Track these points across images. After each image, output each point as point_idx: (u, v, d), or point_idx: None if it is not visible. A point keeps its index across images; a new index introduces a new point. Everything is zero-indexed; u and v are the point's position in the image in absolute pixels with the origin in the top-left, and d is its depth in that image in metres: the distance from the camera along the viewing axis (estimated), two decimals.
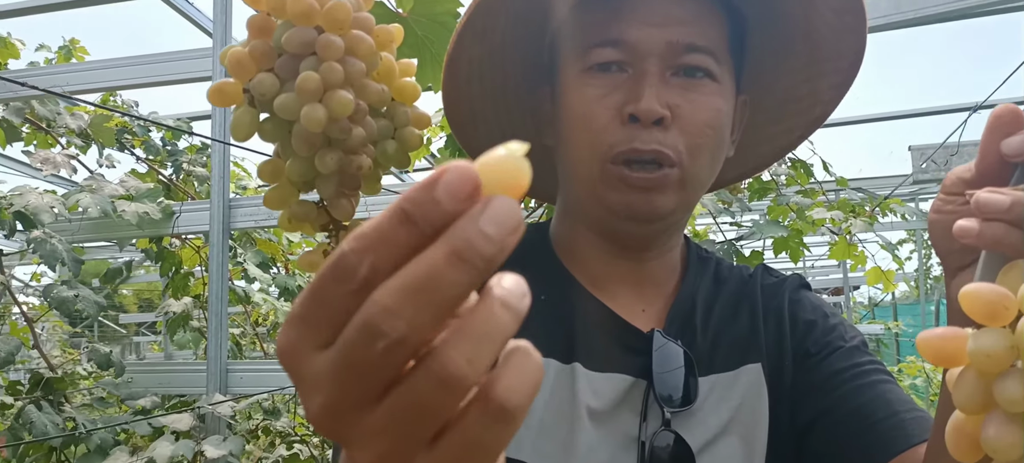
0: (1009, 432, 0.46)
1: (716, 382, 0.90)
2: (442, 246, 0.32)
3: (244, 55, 0.70)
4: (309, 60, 0.68)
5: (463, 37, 0.87)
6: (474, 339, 0.33)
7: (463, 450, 0.34)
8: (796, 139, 1.04)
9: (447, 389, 0.33)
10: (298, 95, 0.67)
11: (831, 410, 0.86)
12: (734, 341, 0.93)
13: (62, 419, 2.21)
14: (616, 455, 0.84)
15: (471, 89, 0.95)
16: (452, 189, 0.32)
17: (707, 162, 0.88)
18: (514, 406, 0.34)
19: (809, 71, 0.96)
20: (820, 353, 0.91)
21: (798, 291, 0.99)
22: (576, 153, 0.88)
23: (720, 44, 0.88)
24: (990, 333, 0.47)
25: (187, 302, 3.00)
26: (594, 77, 0.86)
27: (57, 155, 2.63)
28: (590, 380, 0.87)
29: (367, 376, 0.34)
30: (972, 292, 0.48)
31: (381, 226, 0.33)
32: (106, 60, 2.59)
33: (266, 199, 0.74)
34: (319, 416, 0.35)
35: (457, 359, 0.32)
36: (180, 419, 2.20)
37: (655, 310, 0.95)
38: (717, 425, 0.87)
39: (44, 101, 2.84)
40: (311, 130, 0.67)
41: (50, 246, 2.17)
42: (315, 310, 0.35)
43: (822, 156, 3.56)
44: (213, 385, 2.29)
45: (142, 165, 3.38)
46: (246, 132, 0.71)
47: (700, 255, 1.02)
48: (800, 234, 3.31)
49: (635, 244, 0.93)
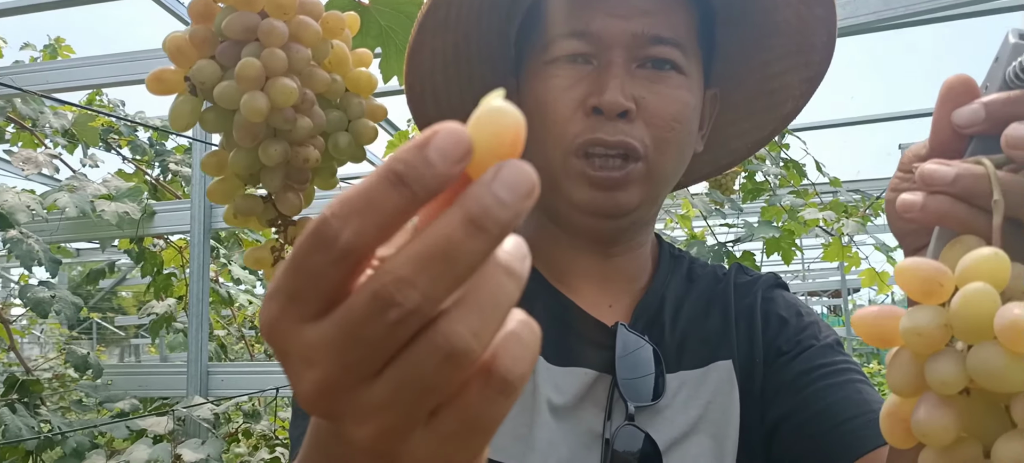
0: (940, 415, 0.44)
1: (685, 379, 0.87)
2: (457, 213, 0.31)
3: (184, 41, 0.66)
4: (251, 46, 0.65)
5: (424, 28, 0.84)
6: (480, 310, 0.32)
7: (463, 425, 0.34)
8: (768, 135, 1.02)
9: (453, 363, 0.32)
10: (238, 83, 0.63)
11: (800, 409, 0.84)
12: (704, 338, 0.91)
13: (37, 422, 2.17)
14: (578, 452, 0.82)
15: (435, 80, 0.93)
16: (445, 150, 0.31)
17: (674, 156, 0.86)
18: (516, 378, 0.33)
19: (780, 65, 0.95)
20: (792, 351, 0.89)
21: (772, 289, 0.97)
22: (539, 146, 0.86)
23: (688, 36, 0.86)
24: (923, 310, 0.45)
25: (171, 303, 2.96)
26: (559, 69, 0.85)
27: (39, 155, 2.60)
28: (551, 374, 0.85)
29: (373, 349, 0.32)
30: (906, 267, 0.45)
31: (369, 190, 0.31)
32: (91, 57, 2.56)
33: (210, 192, 0.71)
34: (313, 393, 0.33)
35: (463, 333, 0.32)
36: (158, 422, 2.16)
37: (622, 306, 0.93)
38: (685, 423, 0.85)
39: (28, 100, 2.81)
40: (252, 120, 0.63)
41: (27, 246, 2.13)
42: (300, 281, 0.33)
43: (816, 157, 3.54)
44: (193, 387, 2.26)
45: (129, 165, 3.35)
46: (186, 122, 0.68)
47: (672, 253, 1.00)
48: (792, 235, 3.29)
49: (600, 239, 0.91)
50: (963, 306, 0.42)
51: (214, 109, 0.68)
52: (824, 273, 11.50)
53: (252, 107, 0.62)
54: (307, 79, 0.67)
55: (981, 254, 0.44)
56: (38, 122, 2.84)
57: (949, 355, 0.44)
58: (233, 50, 0.65)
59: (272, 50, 0.64)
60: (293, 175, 0.70)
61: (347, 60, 0.71)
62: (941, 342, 0.44)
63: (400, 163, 0.31)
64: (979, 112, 0.52)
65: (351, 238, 0.31)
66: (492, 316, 0.32)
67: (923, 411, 0.44)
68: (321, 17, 0.67)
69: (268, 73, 0.64)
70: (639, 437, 0.82)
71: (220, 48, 0.66)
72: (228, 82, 0.64)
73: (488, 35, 0.93)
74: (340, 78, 0.72)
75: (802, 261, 9.99)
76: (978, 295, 0.42)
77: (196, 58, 0.67)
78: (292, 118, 0.65)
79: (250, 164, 0.68)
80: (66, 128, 2.86)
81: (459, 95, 0.96)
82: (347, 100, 0.74)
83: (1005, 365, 0.41)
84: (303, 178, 0.71)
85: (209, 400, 2.21)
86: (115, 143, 3.26)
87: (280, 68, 0.64)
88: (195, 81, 0.66)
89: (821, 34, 0.90)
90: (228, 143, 0.69)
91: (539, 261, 0.94)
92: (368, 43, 0.93)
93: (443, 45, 0.89)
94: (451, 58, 0.92)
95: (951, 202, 0.50)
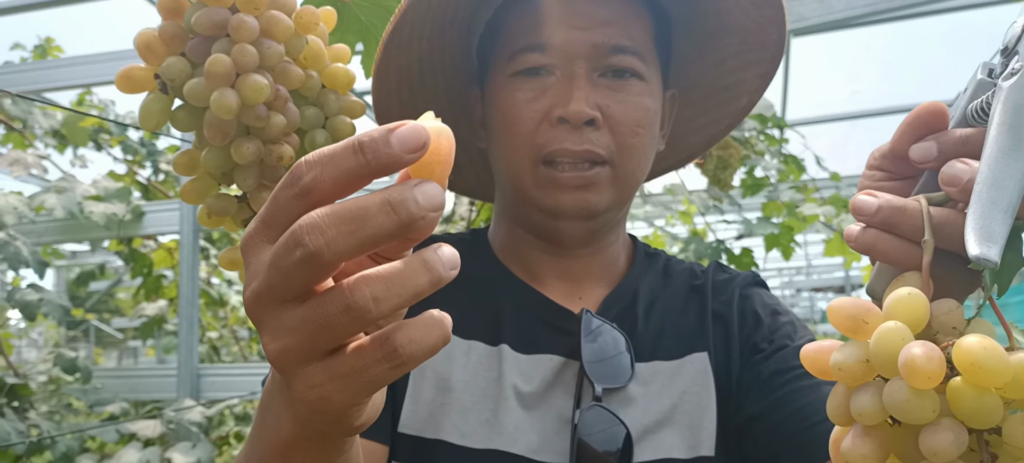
0: (862, 444, 0.47)
1: (659, 369, 0.90)
2: (378, 194, 0.38)
3: (153, 38, 0.64)
4: (221, 42, 0.63)
5: (388, 49, 0.87)
6: (384, 283, 0.39)
7: (349, 371, 0.40)
8: (725, 128, 1.07)
9: (349, 315, 0.38)
10: (207, 79, 0.61)
11: (775, 408, 0.85)
12: (680, 332, 0.93)
13: (26, 426, 2.15)
14: (549, 438, 0.84)
15: (402, 94, 0.95)
16: (404, 138, 0.38)
17: (639, 159, 0.89)
18: (406, 355, 0.40)
19: (734, 62, 0.98)
20: (767, 350, 0.91)
21: (749, 287, 0.99)
22: (507, 156, 0.90)
23: (646, 43, 0.89)
24: (849, 347, 0.48)
25: (162, 305, 2.94)
26: (522, 81, 0.88)
27: (28, 156, 2.57)
28: (518, 362, 0.88)
29: (285, 277, 0.39)
30: (835, 306, 0.49)
31: (334, 149, 0.39)
32: (81, 56, 2.53)
33: (183, 193, 0.69)
34: (248, 299, 0.42)
35: (364, 293, 0.38)
36: (148, 426, 2.14)
37: (593, 299, 0.95)
38: (659, 412, 0.87)
39: (16, 100, 2.78)
40: (222, 117, 0.61)
41: (14, 248, 2.11)
42: (271, 211, 0.41)
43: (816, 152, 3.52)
44: (184, 390, 2.24)
45: (121, 165, 3.32)
46: (156, 120, 0.65)
47: (647, 252, 1.03)
48: (792, 231, 3.27)
49: (570, 242, 0.94)
50: (876, 344, 0.46)
51: (185, 107, 0.66)
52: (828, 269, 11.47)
53: (222, 104, 0.60)
54: (280, 75, 0.65)
55: (898, 293, 0.48)
56: (27, 123, 2.81)
57: (871, 388, 0.47)
58: (203, 46, 0.63)
59: (242, 46, 0.61)
60: (267, 174, 0.68)
61: (323, 56, 0.69)
62: (867, 375, 0.48)
63: (366, 137, 0.38)
64: (932, 150, 0.54)
65: (310, 181, 0.39)
66: (395, 293, 0.39)
67: (849, 440, 0.48)
68: (294, 12, 0.65)
69: (238, 69, 0.62)
70: (608, 419, 0.83)
71: (190, 44, 0.64)
72: (198, 79, 0.62)
73: (450, 49, 0.96)
74: (316, 74, 0.70)
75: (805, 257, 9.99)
76: (888, 334, 0.46)
77: (166, 55, 0.64)
78: (264, 115, 0.63)
79: (222, 163, 0.66)
80: (55, 129, 2.83)
81: (425, 106, 0.99)
82: (324, 97, 0.72)
83: (907, 399, 0.44)
84: (278, 176, 0.69)
85: (200, 403, 2.19)
86: (106, 143, 3.23)
87: (251, 64, 0.61)
88: (165, 78, 0.64)
89: (772, 33, 0.94)
90: (200, 142, 0.67)
91: (513, 263, 0.97)
92: (348, 39, 0.91)
93: (408, 62, 0.92)
94: (416, 72, 0.94)
95: (876, 234, 0.52)
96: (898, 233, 0.52)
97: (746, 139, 3.14)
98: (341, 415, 0.43)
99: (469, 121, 1.01)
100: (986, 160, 0.49)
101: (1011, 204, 0.47)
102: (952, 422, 0.45)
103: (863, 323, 0.48)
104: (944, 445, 0.44)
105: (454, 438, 0.84)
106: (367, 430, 0.82)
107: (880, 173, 0.59)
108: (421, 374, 0.88)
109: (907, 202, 0.52)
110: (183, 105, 0.66)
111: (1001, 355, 0.43)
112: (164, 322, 2.93)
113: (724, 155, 2.96)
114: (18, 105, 2.80)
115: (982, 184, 0.48)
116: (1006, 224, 0.47)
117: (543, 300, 0.93)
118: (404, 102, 0.96)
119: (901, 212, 0.51)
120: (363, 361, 0.40)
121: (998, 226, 0.47)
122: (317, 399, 0.41)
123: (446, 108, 1.01)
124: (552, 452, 0.84)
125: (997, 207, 0.47)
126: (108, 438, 2.24)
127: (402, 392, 0.87)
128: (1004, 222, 0.47)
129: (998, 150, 0.49)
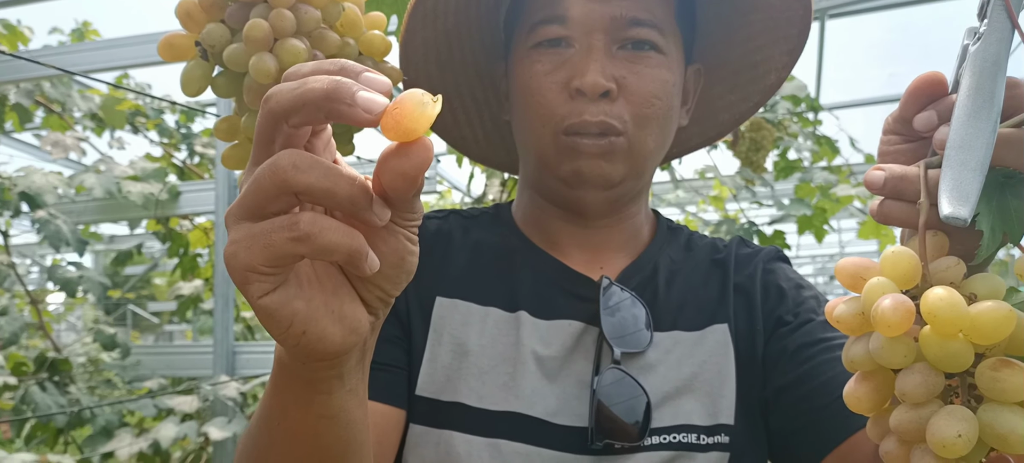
0: (859, 388, 0.55)
1: (679, 339, 0.90)
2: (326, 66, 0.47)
3: (194, 6, 0.66)
4: (259, 8, 0.64)
5: (413, 21, 0.88)
6: (309, 160, 0.44)
7: (259, 232, 0.45)
8: (753, 106, 1.06)
9: (273, 172, 0.44)
10: (246, 44, 0.62)
11: (801, 381, 0.86)
12: (701, 304, 0.94)
13: (67, 400, 2.19)
14: (568, 402, 0.86)
15: (429, 69, 0.97)
16: (373, 82, 0.46)
17: (655, 132, 0.89)
18: (304, 233, 0.44)
19: (761, 39, 0.98)
20: (792, 323, 0.91)
21: (772, 262, 0.99)
22: (528, 126, 0.91)
23: (665, 16, 0.89)
24: (849, 301, 0.54)
25: (198, 285, 2.98)
26: (542, 53, 0.89)
27: (67, 138, 2.61)
28: (537, 327, 0.89)
29: (255, 148, 0.47)
30: (840, 265, 0.56)
31: (311, 65, 0.47)
32: (118, 39, 2.56)
33: (224, 158, 0.70)
34: (231, 210, 0.47)
35: (286, 158, 0.44)
36: (186, 401, 2.18)
37: (613, 269, 0.96)
38: (678, 380, 0.87)
39: (55, 83, 2.82)
40: (261, 82, 0.63)
41: (54, 227, 2.15)
42: (256, 135, 0.47)
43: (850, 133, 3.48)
44: (220, 367, 2.27)
45: (157, 148, 3.37)
46: (197, 87, 0.67)
47: (670, 226, 1.04)
48: (825, 214, 3.24)
49: (591, 212, 0.95)
50: (863, 297, 0.52)
51: (224, 73, 0.67)
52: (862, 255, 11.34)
53: (260, 68, 0.61)
54: (317, 41, 0.66)
55: (888, 251, 0.53)
56: (66, 106, 2.86)
57: (863, 339, 0.53)
58: (242, 13, 0.65)
59: (280, 11, 0.63)
60: None
61: (359, 23, 0.70)
62: (864, 327, 0.53)
63: (341, 63, 0.47)
64: (933, 119, 0.58)
65: (276, 94, 0.45)
66: (312, 167, 0.44)
67: (849, 385, 0.55)
68: None
69: (276, 34, 0.63)
70: (628, 384, 0.84)
71: (229, 11, 0.65)
72: (237, 44, 0.64)
73: (478, 22, 0.97)
74: (353, 41, 0.70)
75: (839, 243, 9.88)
76: (873, 288, 0.51)
77: (205, 22, 0.66)
78: None
79: None
80: (94, 111, 2.88)
81: (454, 82, 1.01)
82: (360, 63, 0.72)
83: (882, 346, 0.50)
84: None
85: (235, 379, 2.22)
86: (142, 126, 3.27)
87: (288, 29, 0.63)
88: (205, 45, 0.65)
89: (797, 8, 0.94)
90: (240, 107, 0.68)
91: (534, 233, 0.98)
92: (384, 8, 0.92)
93: (434, 35, 0.93)
94: (444, 46, 0.96)
95: (889, 204, 0.57)
96: (904, 199, 0.57)
97: (779, 121, 3.10)
98: (245, 280, 0.46)
99: (497, 95, 1.03)
100: (955, 122, 0.53)
101: (980, 163, 0.51)
102: (924, 366, 0.50)
103: (861, 280, 0.53)
104: (911, 387, 0.49)
105: (471, 400, 0.85)
106: (381, 393, 0.84)
107: (896, 137, 0.63)
108: (438, 339, 0.89)
109: (908, 169, 0.56)
110: (223, 71, 0.67)
111: (957, 305, 0.47)
112: (200, 301, 2.98)
113: (757, 137, 2.93)
114: (57, 88, 2.84)
115: (952, 147, 0.52)
116: (977, 182, 0.51)
117: (562, 267, 0.94)
118: (432, 77, 0.97)
119: (903, 179, 0.56)
120: (271, 226, 0.45)
121: (969, 185, 0.50)
122: (230, 255, 0.46)
123: (475, 82, 1.02)
124: (571, 415, 0.85)
125: (966, 167, 0.51)
126: (146, 412, 2.29)
127: (419, 357, 0.88)
128: (975, 180, 0.51)
129: (965, 112, 0.53)
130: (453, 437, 0.84)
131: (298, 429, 0.59)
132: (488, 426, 0.84)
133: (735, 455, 0.86)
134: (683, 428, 0.85)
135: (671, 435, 0.84)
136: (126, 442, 2.09)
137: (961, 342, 0.48)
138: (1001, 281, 0.51)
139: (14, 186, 2.21)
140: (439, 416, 0.85)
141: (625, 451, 0.83)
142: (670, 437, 0.84)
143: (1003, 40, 0.54)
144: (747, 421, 0.88)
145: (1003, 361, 0.48)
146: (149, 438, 2.08)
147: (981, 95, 0.53)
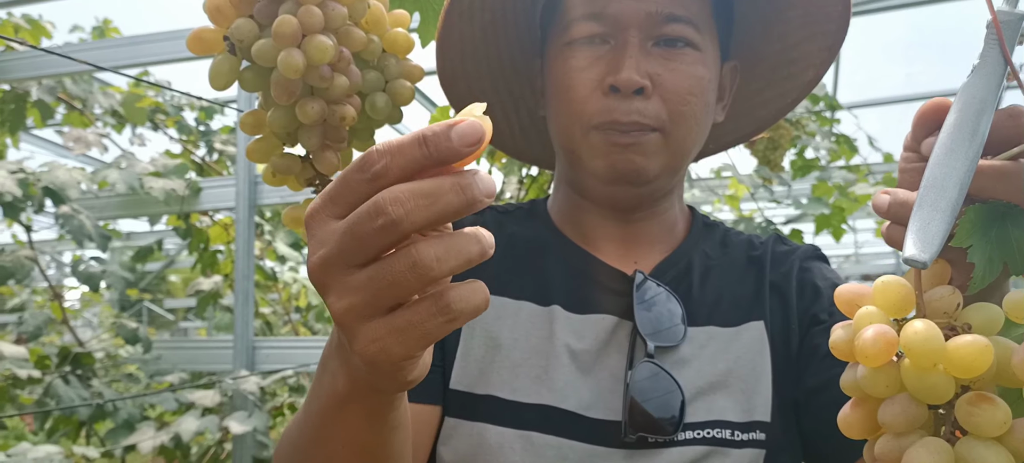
0: (851, 413, 0.55)
1: (714, 334, 0.90)
2: (450, 177, 0.45)
3: (223, 1, 0.67)
4: (288, 4, 0.65)
5: (450, 17, 0.89)
6: (445, 247, 0.45)
7: (407, 325, 0.46)
8: (790, 102, 1.06)
9: (414, 271, 0.44)
10: (275, 40, 0.63)
11: (829, 385, 0.85)
12: (737, 300, 0.93)
13: (90, 394, 2.22)
14: (602, 395, 0.86)
15: (466, 66, 0.98)
16: (463, 134, 0.44)
17: (690, 128, 0.89)
18: (457, 311, 0.46)
19: (798, 35, 0.98)
20: (826, 322, 0.91)
21: (809, 260, 0.99)
22: (562, 122, 0.91)
23: (701, 13, 0.89)
24: (846, 328, 0.54)
25: (217, 281, 3.01)
26: (577, 50, 0.89)
27: (88, 134, 2.64)
28: (570, 321, 0.90)
29: (361, 244, 0.45)
30: (839, 291, 0.56)
31: (402, 141, 0.45)
32: (139, 36, 2.58)
33: (249, 151, 0.71)
34: (315, 265, 0.47)
35: (428, 253, 0.45)
36: (206, 395, 2.20)
37: (648, 264, 0.96)
38: (713, 375, 0.87)
39: (77, 80, 2.86)
40: (288, 77, 0.63)
41: (78, 222, 2.18)
42: (339, 189, 0.47)
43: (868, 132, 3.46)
44: (240, 362, 2.29)
45: (176, 145, 3.40)
46: (225, 81, 0.68)
47: (705, 222, 1.04)
48: (843, 213, 3.23)
49: (623, 206, 0.95)
50: (854, 325, 0.52)
51: (252, 68, 0.68)
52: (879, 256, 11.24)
53: (288, 64, 0.62)
54: (343, 37, 0.67)
55: (880, 280, 0.52)
56: (87, 102, 2.89)
57: (853, 367, 0.53)
58: (270, 8, 0.65)
59: (308, 8, 0.64)
60: (331, 134, 0.70)
61: (384, 20, 0.71)
62: (853, 355, 0.52)
63: (430, 131, 0.45)
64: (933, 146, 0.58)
65: (380, 168, 0.45)
66: (453, 256, 0.45)
67: (844, 410, 0.55)
68: None
69: (304, 30, 0.64)
70: (663, 378, 0.84)
71: (257, 7, 0.66)
72: (265, 40, 0.64)
73: (515, 18, 0.98)
74: (377, 38, 0.71)
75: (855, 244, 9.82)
76: (862, 317, 0.51)
77: (234, 17, 0.67)
78: (329, 75, 0.65)
79: (288, 122, 0.68)
80: (114, 108, 2.91)
81: (490, 78, 1.01)
82: (384, 60, 0.73)
83: (865, 375, 0.50)
84: (340, 137, 0.71)
85: (255, 374, 2.24)
86: (162, 124, 3.30)
87: (316, 25, 0.64)
88: (233, 39, 0.66)
89: (836, 5, 0.93)
90: (266, 102, 0.69)
91: (568, 228, 0.99)
92: (408, 5, 0.92)
93: (471, 32, 0.94)
94: (480, 42, 0.96)
95: (894, 227, 0.57)
96: (906, 224, 0.56)
97: (797, 119, 3.10)
98: (397, 368, 0.48)
99: (533, 91, 1.03)
100: (932, 160, 0.52)
101: (950, 205, 0.50)
102: (905, 397, 0.49)
103: (857, 307, 0.53)
104: (891, 417, 0.49)
105: (504, 393, 0.86)
106: (418, 393, 0.85)
107: (912, 155, 0.63)
108: (471, 334, 0.90)
109: (910, 196, 0.56)
110: (250, 66, 0.68)
111: (932, 338, 0.46)
112: (219, 297, 3.00)
113: (774, 135, 2.93)
114: (78, 85, 2.88)
115: (925, 186, 0.51)
116: (944, 224, 0.49)
117: (596, 262, 0.94)
118: (469, 74, 0.98)
119: (904, 205, 0.56)
120: (420, 315, 0.46)
121: (936, 226, 0.49)
122: (377, 351, 0.46)
123: (511, 77, 1.03)
124: (604, 409, 0.85)
125: (936, 208, 0.50)
126: (168, 406, 2.32)
127: (453, 352, 0.89)
128: (943, 222, 0.49)
129: (942, 151, 0.52)
130: (486, 429, 0.85)
131: (368, 441, 0.62)
132: (520, 418, 0.85)
133: (771, 453, 0.85)
134: (717, 424, 0.85)
135: (705, 430, 0.85)
136: (148, 435, 2.12)
137: (940, 375, 0.47)
138: (1000, 312, 0.50)
139: (38, 181, 2.23)
140: (472, 409, 0.86)
141: (658, 445, 0.83)
142: (704, 432, 0.84)
143: (993, 75, 0.53)
144: (784, 420, 0.87)
145: (981, 396, 0.47)
146: (170, 431, 2.11)
147: (961, 132, 0.52)
